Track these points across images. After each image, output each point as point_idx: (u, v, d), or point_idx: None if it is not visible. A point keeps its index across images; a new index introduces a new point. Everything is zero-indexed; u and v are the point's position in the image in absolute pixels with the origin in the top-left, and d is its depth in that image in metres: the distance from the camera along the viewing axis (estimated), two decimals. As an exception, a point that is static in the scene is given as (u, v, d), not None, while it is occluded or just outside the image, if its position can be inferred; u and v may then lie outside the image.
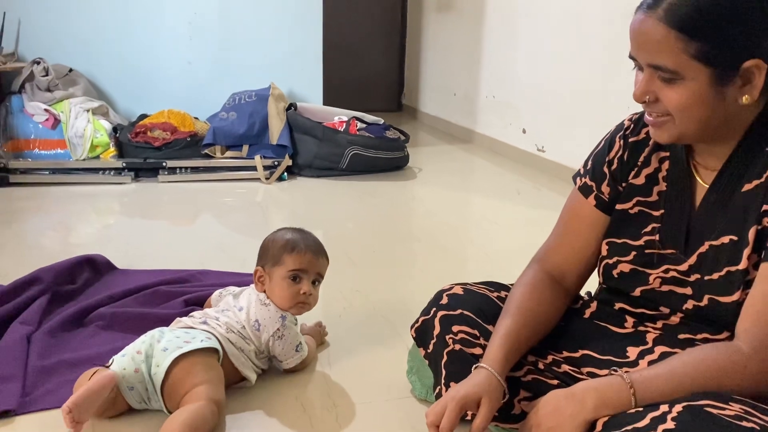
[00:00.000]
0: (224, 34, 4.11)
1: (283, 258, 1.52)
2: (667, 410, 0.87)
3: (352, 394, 1.51)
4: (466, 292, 1.26)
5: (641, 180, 1.13)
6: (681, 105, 0.96)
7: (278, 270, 1.52)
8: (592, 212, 1.19)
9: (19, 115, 3.48)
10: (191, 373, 1.33)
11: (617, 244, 1.15)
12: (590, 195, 1.19)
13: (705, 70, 0.93)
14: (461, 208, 3.32)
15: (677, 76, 0.94)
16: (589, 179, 1.20)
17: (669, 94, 0.96)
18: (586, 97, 3.38)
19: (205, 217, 3.07)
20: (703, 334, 1.06)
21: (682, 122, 0.98)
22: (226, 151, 3.64)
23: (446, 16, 5.25)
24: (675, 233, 1.08)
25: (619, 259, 1.14)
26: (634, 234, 1.13)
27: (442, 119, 5.38)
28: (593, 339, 1.15)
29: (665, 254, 1.09)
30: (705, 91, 0.94)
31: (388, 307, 1.96)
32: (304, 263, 1.52)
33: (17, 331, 1.64)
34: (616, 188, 1.16)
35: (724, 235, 1.02)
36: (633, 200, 1.14)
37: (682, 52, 0.92)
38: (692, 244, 1.06)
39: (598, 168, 1.19)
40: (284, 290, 1.51)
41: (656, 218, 1.11)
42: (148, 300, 1.87)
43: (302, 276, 1.52)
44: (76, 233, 2.77)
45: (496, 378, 1.06)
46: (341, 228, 2.87)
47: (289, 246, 1.53)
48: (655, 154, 1.13)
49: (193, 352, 1.36)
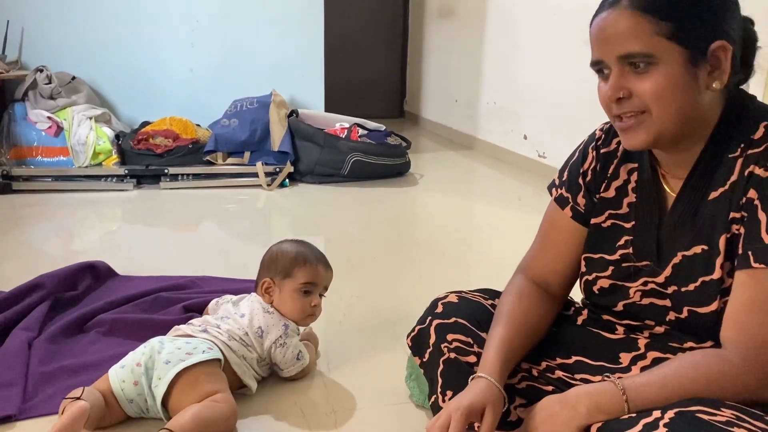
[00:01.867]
0: (226, 41, 4.13)
1: (294, 271, 1.54)
2: (660, 416, 0.88)
3: (352, 400, 1.51)
4: (460, 300, 1.27)
5: (611, 193, 1.13)
6: (657, 92, 0.94)
7: (289, 283, 1.54)
8: (570, 224, 1.19)
9: (22, 122, 3.50)
10: (197, 384, 1.33)
11: (594, 259, 1.15)
12: (566, 206, 1.19)
13: (678, 50, 0.93)
14: (462, 214, 3.33)
15: (651, 59, 0.93)
16: (565, 191, 1.20)
17: (643, 84, 0.95)
18: (587, 103, 3.38)
19: (207, 224, 3.09)
20: (689, 343, 1.06)
21: (660, 113, 0.95)
22: (227, 157, 3.66)
23: (448, 22, 5.27)
24: (647, 245, 1.08)
25: (597, 275, 1.14)
26: (608, 249, 1.13)
27: (443, 125, 5.39)
28: (586, 345, 1.16)
29: (641, 267, 1.09)
30: (680, 74, 0.94)
31: (388, 313, 1.97)
32: (315, 276, 1.56)
33: (18, 337, 1.66)
34: (591, 200, 1.16)
35: (696, 244, 1.01)
36: (605, 213, 1.14)
37: (654, 33, 0.93)
38: (665, 255, 1.05)
39: (574, 179, 1.18)
40: (296, 303, 1.54)
41: (628, 230, 1.11)
42: (149, 306, 1.89)
43: (313, 289, 1.56)
44: (78, 240, 2.78)
45: (497, 386, 1.06)
46: (342, 234, 2.88)
47: (301, 259, 1.56)
48: (623, 165, 1.12)
49: (197, 364, 1.35)
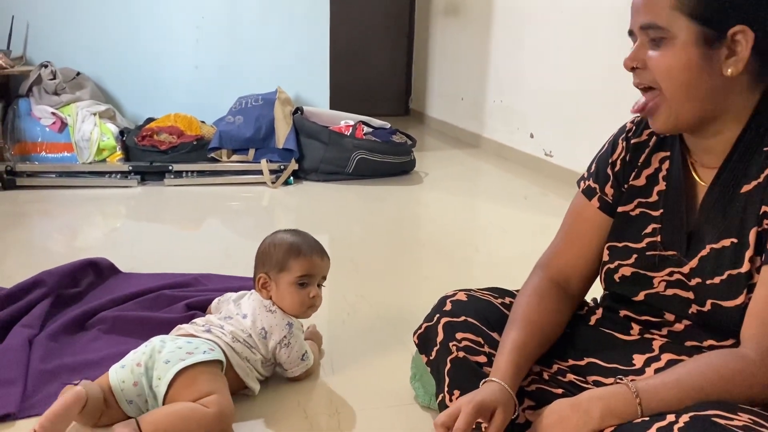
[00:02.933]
0: (231, 38, 4.11)
1: (289, 263, 1.49)
2: (674, 420, 0.85)
3: (355, 401, 1.49)
4: (469, 298, 1.25)
5: (642, 181, 1.12)
6: (666, 67, 0.96)
7: (285, 276, 1.50)
8: (596, 215, 1.18)
9: (26, 118, 3.49)
10: (194, 384, 1.30)
11: (618, 248, 1.13)
12: (594, 197, 1.18)
13: (693, 28, 0.93)
14: (467, 213, 3.30)
15: (666, 34, 0.95)
16: (593, 182, 1.19)
17: (656, 58, 0.97)
18: (594, 101, 3.36)
19: (211, 221, 3.07)
20: (709, 341, 1.04)
21: (668, 89, 0.97)
22: (232, 154, 3.64)
23: (454, 20, 5.24)
24: (676, 235, 1.06)
25: (620, 263, 1.12)
26: (634, 236, 1.11)
27: (449, 124, 5.36)
28: (599, 347, 1.13)
29: (667, 256, 1.07)
30: (690, 53, 0.94)
31: (392, 313, 1.95)
32: (311, 268, 1.51)
33: (19, 334, 1.64)
34: (619, 190, 1.15)
35: (725, 237, 1.00)
36: (634, 202, 1.13)
37: (673, 7, 0.93)
38: (693, 246, 1.04)
39: (602, 170, 1.18)
40: (294, 296, 1.50)
41: (656, 218, 1.09)
42: (151, 304, 1.87)
43: (310, 280, 1.51)
44: (81, 236, 2.77)
45: (509, 392, 1.04)
46: (347, 233, 2.86)
47: (294, 251, 1.50)
48: (656, 154, 1.11)
49: (196, 364, 1.33)
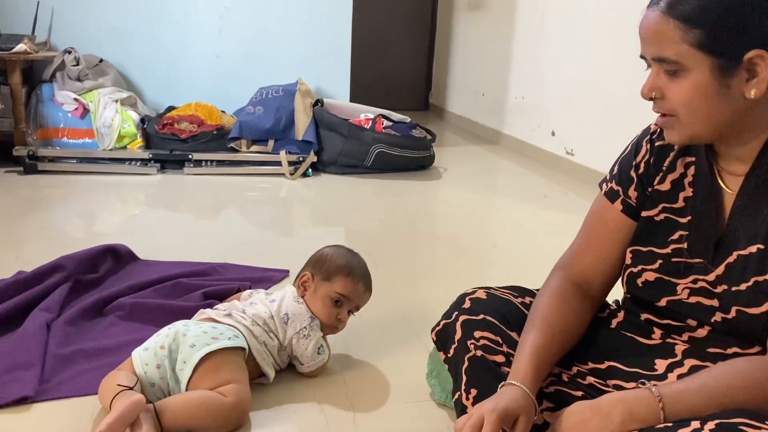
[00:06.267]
0: (254, 28, 4.11)
1: (335, 278, 1.53)
2: (699, 427, 0.84)
3: (370, 396, 1.48)
4: (489, 296, 1.23)
5: (667, 185, 1.10)
6: (684, 99, 0.94)
7: (326, 286, 1.53)
8: (618, 217, 1.16)
9: (49, 103, 3.52)
10: (218, 371, 1.32)
11: (642, 252, 1.11)
12: (617, 200, 1.16)
13: (706, 61, 0.91)
14: (486, 210, 3.28)
15: (679, 67, 0.93)
16: (616, 184, 1.17)
17: (673, 89, 0.95)
18: (618, 100, 3.32)
19: (229, 211, 3.07)
20: (733, 348, 1.02)
21: (687, 119, 0.96)
22: (251, 145, 3.64)
23: (477, 15, 5.20)
24: (704, 243, 1.04)
25: (644, 267, 1.11)
26: (660, 242, 1.09)
27: (469, 119, 5.33)
28: (620, 350, 1.12)
29: (692, 263, 1.05)
30: (708, 83, 0.92)
31: (408, 309, 1.94)
32: (352, 292, 1.54)
33: (38, 318, 1.65)
34: (643, 192, 1.13)
35: (752, 244, 0.98)
36: (659, 207, 1.10)
37: (682, 41, 0.91)
38: (720, 254, 1.02)
39: (625, 172, 1.15)
40: (325, 308, 1.53)
41: (683, 225, 1.07)
42: (168, 292, 1.87)
43: (345, 302, 1.54)
44: (100, 222, 2.78)
45: (530, 396, 1.02)
46: (364, 226, 2.85)
47: (346, 270, 1.54)
48: (681, 158, 1.09)
49: (222, 350, 1.34)
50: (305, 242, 2.59)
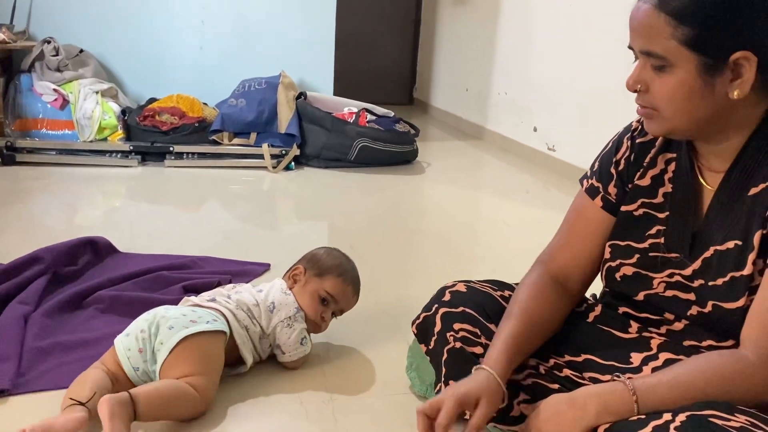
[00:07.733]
0: (237, 20, 4.08)
1: (328, 276, 1.56)
2: (670, 419, 0.85)
3: (350, 389, 1.49)
4: (469, 289, 1.24)
5: (647, 181, 1.11)
6: (668, 95, 0.95)
7: (317, 282, 1.56)
8: (598, 214, 1.17)
9: (28, 94, 3.47)
10: (191, 357, 1.31)
11: (620, 246, 1.13)
12: (597, 196, 1.17)
13: (693, 58, 0.92)
14: (469, 205, 3.29)
15: (666, 62, 0.94)
16: (596, 180, 1.18)
17: (658, 83, 0.96)
18: (599, 97, 3.34)
19: (211, 204, 3.06)
20: (708, 341, 1.03)
21: (669, 115, 0.97)
22: (233, 138, 3.62)
23: (462, 10, 5.21)
24: (681, 238, 1.06)
25: (622, 261, 1.12)
26: (638, 236, 1.11)
27: (453, 114, 5.34)
28: (597, 344, 1.13)
29: (669, 258, 1.07)
30: (693, 81, 0.93)
31: (390, 302, 1.94)
32: (341, 293, 1.57)
33: (15, 310, 1.63)
34: (623, 189, 1.14)
35: (730, 239, 0.99)
36: (638, 202, 1.12)
37: (671, 37, 0.92)
38: (697, 249, 1.03)
39: (605, 169, 1.17)
40: (312, 303, 1.55)
41: (661, 220, 1.09)
42: (149, 285, 1.86)
43: (331, 302, 1.56)
44: (80, 214, 2.76)
45: (497, 381, 1.04)
46: (347, 220, 2.85)
47: (339, 270, 1.58)
48: (662, 155, 1.10)
49: (200, 334, 1.34)
50: (287, 236, 2.59)
